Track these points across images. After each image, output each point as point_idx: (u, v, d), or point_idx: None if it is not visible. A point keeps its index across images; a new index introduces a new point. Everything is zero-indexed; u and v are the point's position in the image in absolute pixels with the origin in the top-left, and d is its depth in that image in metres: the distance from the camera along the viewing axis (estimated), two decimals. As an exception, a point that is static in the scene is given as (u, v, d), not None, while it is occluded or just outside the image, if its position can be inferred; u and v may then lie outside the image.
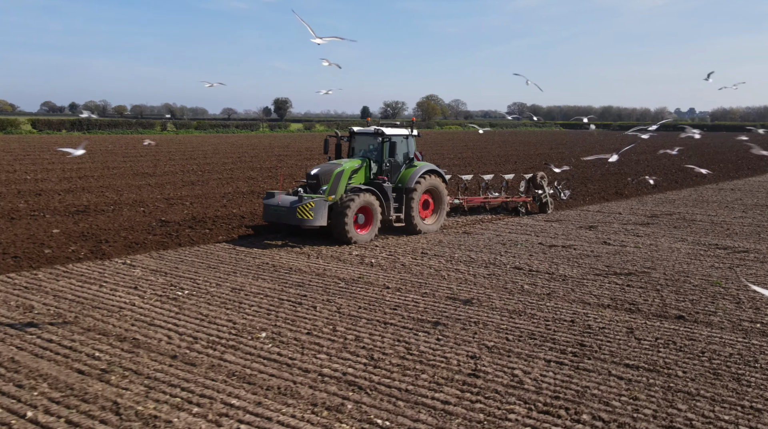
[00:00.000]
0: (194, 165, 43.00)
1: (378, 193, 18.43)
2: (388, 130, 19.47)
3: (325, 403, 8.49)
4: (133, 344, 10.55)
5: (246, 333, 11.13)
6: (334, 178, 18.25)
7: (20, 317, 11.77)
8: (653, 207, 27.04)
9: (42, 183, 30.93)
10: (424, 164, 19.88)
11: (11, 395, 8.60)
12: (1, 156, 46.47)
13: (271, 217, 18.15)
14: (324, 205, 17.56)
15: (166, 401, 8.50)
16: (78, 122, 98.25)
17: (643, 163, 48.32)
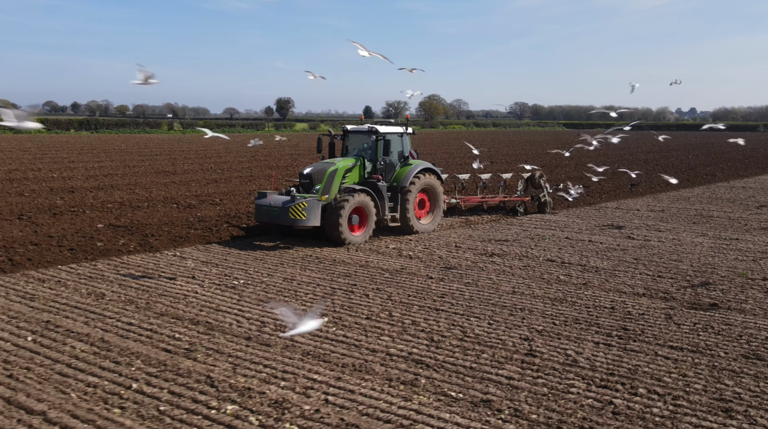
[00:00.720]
0: (211, 164, 43.74)
1: (372, 193, 18.11)
2: (383, 128, 19.11)
3: (399, 378, 9.25)
4: (207, 327, 11.31)
5: (309, 318, 11.81)
6: (328, 177, 17.88)
7: (95, 303, 12.54)
8: (669, 204, 27.81)
9: (69, 181, 31.68)
10: (419, 163, 19.60)
11: (112, 370, 9.39)
12: (20, 155, 47.17)
13: (263, 217, 17.81)
14: (317, 205, 17.20)
15: (254, 376, 9.27)
16: (86, 122, 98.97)
17: (653, 163, 49.00)
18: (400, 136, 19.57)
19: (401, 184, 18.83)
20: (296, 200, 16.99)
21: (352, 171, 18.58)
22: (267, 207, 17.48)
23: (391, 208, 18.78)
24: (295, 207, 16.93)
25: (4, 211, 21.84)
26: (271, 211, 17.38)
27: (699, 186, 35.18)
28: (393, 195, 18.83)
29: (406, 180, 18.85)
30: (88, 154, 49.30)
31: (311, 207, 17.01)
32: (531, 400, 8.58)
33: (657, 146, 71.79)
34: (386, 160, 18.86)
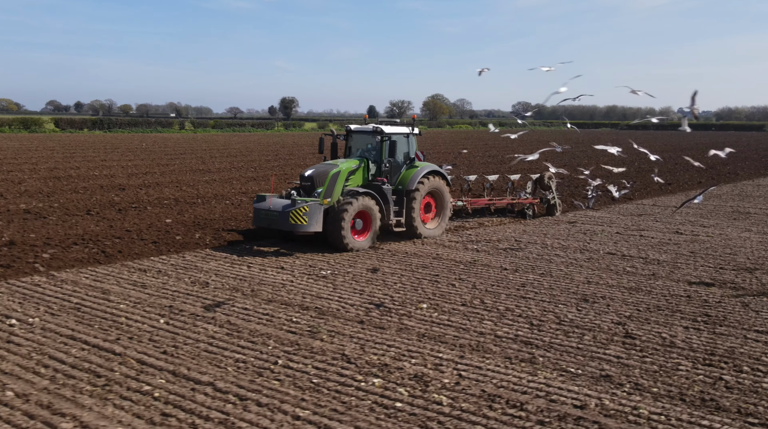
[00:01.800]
0: (241, 162, 44.60)
1: (377, 196, 17.24)
2: (388, 128, 18.19)
3: (517, 357, 10.12)
4: (318, 312, 12.18)
5: (407, 305, 12.73)
6: (330, 180, 17.01)
7: (203, 291, 13.42)
8: (703, 201, 28.65)
9: (112, 179, 32.56)
10: (425, 165, 18.70)
11: (251, 348, 10.27)
12: (49, 154, 48.03)
13: (262, 222, 16.87)
14: (319, 209, 16.41)
15: (384, 354, 10.14)
16: (99, 121, 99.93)
17: (671, 162, 49.86)
18: (405, 137, 18.78)
19: (407, 187, 18.02)
20: (297, 204, 16.17)
21: (355, 173, 17.73)
22: (266, 211, 16.61)
23: (396, 213, 17.97)
24: (296, 211, 16.12)
25: (70, 208, 22.69)
26: (270, 215, 16.52)
27: (726, 184, 36.01)
28: (398, 198, 17.97)
29: (412, 183, 18.03)
30: (115, 153, 50.14)
31: (313, 211, 16.25)
32: (646, 376, 9.44)
33: (669, 146, 72.62)
34: (391, 161, 18.06)
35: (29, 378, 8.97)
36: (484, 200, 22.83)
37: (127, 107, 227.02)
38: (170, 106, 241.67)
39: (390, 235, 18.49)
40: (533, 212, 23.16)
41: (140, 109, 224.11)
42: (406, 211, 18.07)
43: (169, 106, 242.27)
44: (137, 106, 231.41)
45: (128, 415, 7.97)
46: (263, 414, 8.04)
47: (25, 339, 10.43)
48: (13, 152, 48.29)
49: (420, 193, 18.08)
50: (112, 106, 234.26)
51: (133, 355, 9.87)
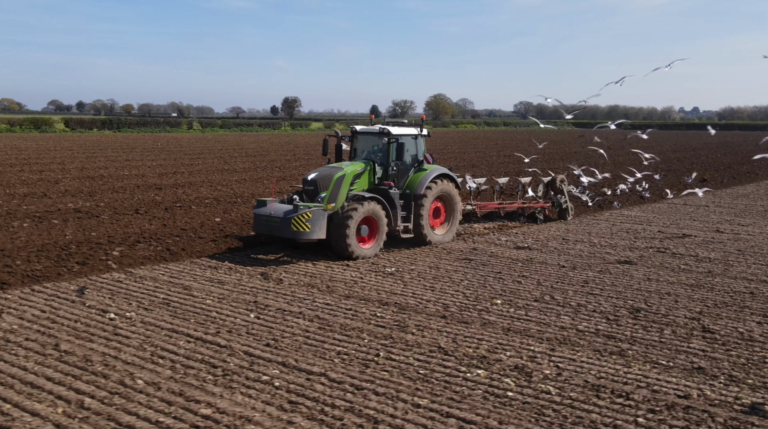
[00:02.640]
0: (262, 161, 45.02)
1: (384, 201, 16.43)
2: (395, 130, 17.37)
3: (605, 350, 10.55)
4: (398, 307, 12.61)
5: (481, 301, 13.17)
6: (334, 184, 16.12)
7: (277, 287, 13.87)
8: (730, 200, 29.14)
9: (144, 178, 32.98)
10: (434, 168, 17.90)
11: (347, 342, 10.71)
12: (71, 154, 48.52)
13: (262, 228, 16.11)
14: (322, 215, 15.53)
15: (477, 347, 10.58)
16: (109, 121, 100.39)
17: (687, 162, 50.28)
18: (414, 139, 17.93)
19: (415, 192, 17.20)
20: (299, 210, 15.27)
21: (361, 177, 16.84)
22: (266, 217, 15.83)
23: (404, 218, 17.13)
24: (298, 218, 15.26)
25: (118, 207, 23.13)
26: (271, 222, 15.74)
27: (748, 184, 36.46)
28: (405, 203, 17.17)
29: (420, 187, 17.21)
30: (134, 153, 50.49)
31: (316, 218, 15.40)
32: (737, 368, 9.87)
33: (681, 145, 73.11)
34: (399, 164, 17.24)
35: (151, 368, 9.39)
36: (494, 204, 21.97)
37: (129, 107, 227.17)
38: (172, 106, 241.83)
39: (397, 242, 17.68)
40: (544, 216, 22.68)
41: (142, 108, 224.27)
42: (414, 217, 17.28)
43: (170, 106, 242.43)
44: (139, 105, 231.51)
45: (258, 402, 8.38)
46: (384, 402, 8.46)
47: (130, 332, 10.86)
48: (35, 152, 48.67)
49: (429, 197, 17.29)
50: (114, 106, 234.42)
51: (238, 347, 10.27)
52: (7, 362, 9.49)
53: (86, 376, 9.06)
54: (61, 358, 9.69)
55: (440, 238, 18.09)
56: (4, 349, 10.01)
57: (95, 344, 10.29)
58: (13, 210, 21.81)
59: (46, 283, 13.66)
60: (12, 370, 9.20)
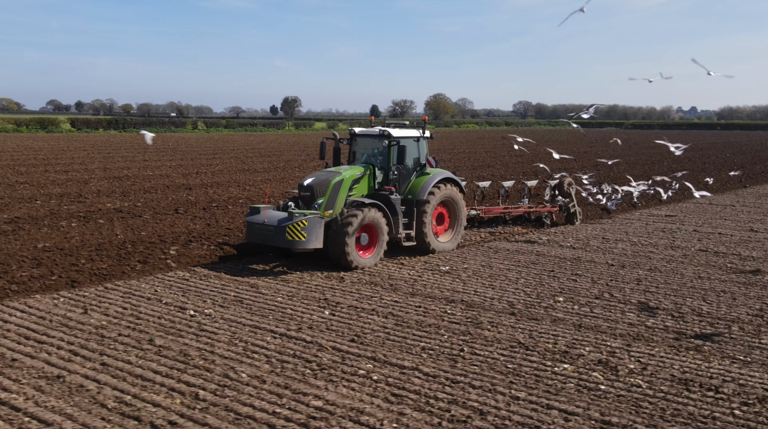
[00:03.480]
0: (280, 161, 45.31)
1: (384, 208, 15.50)
2: (396, 132, 16.51)
3: (681, 346, 10.89)
4: (465, 305, 12.95)
5: (543, 298, 13.52)
6: (332, 189, 15.31)
7: (341, 285, 14.21)
8: (754, 200, 29.56)
9: (170, 178, 33.28)
10: (437, 171, 17.06)
11: (429, 337, 11.04)
12: (88, 155, 48.84)
13: (256, 237, 15.17)
14: (320, 223, 14.71)
15: (555, 342, 10.91)
16: (114, 121, 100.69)
17: (699, 161, 50.66)
18: (416, 141, 17.02)
19: (417, 197, 16.32)
20: (295, 218, 14.45)
21: (360, 181, 16.01)
22: (260, 226, 14.93)
23: (406, 225, 16.27)
24: (294, 226, 14.42)
25: (156, 207, 23.42)
26: (264, 230, 14.83)
27: (760, 184, 36.91)
28: (407, 209, 16.28)
29: (423, 192, 16.33)
30: (149, 153, 50.70)
31: (312, 226, 14.56)
32: (812, 360, 10.20)
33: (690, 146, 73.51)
34: (400, 168, 16.43)
35: (249, 362, 9.72)
36: (499, 209, 21.16)
37: (128, 107, 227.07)
38: (171, 106, 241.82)
39: (399, 250, 16.89)
40: (551, 221, 21.97)
41: (141, 108, 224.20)
42: (416, 224, 16.36)
43: (169, 106, 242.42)
44: (138, 105, 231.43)
45: (363, 395, 8.71)
46: (484, 395, 8.80)
47: (215, 328, 11.19)
48: (51, 153, 48.94)
49: (431, 203, 16.43)
50: (113, 106, 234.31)
51: (324, 343, 10.59)
52: (110, 356, 9.80)
53: (190, 370, 9.37)
54: (160, 353, 9.99)
55: (444, 246, 17.22)
56: (102, 344, 10.32)
57: (186, 339, 10.59)
58: (55, 210, 22.09)
59: (116, 282, 13.97)
60: (118, 364, 9.51)
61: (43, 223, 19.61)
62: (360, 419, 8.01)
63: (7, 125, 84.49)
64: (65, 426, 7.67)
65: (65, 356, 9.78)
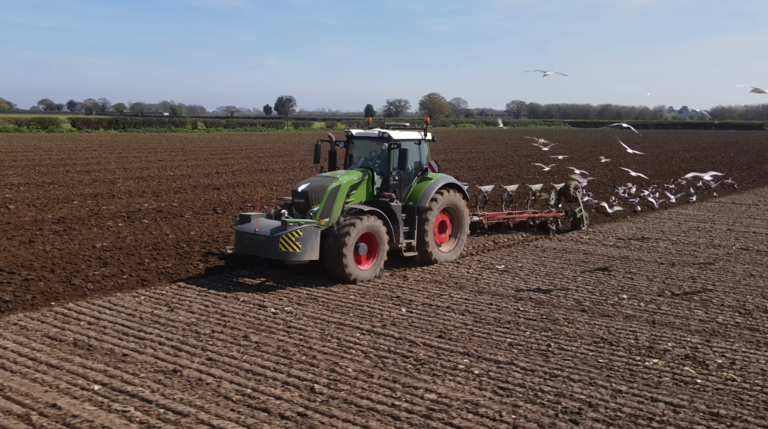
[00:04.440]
0: (294, 162, 45.52)
1: (384, 216, 14.53)
2: (396, 134, 15.51)
3: (759, 341, 11.24)
4: (535, 302, 13.28)
5: (607, 295, 13.86)
6: (328, 195, 14.27)
7: (405, 283, 14.50)
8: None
9: (193, 179, 33.50)
10: (440, 176, 16.04)
11: (512, 333, 11.36)
12: (99, 155, 48.97)
13: (246, 248, 13.96)
14: (315, 232, 13.66)
15: (636, 339, 11.24)
16: (115, 121, 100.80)
17: (706, 161, 51.15)
18: (417, 144, 15.99)
19: (418, 204, 15.35)
20: (289, 227, 13.37)
21: (358, 187, 14.98)
22: (251, 235, 13.74)
23: (407, 234, 15.27)
24: (287, 236, 13.32)
25: (192, 206, 23.68)
26: (256, 240, 13.67)
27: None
28: (408, 217, 15.32)
29: (425, 198, 15.36)
30: (160, 153, 50.83)
31: (308, 236, 13.49)
32: None
33: (693, 145, 74.25)
34: (401, 173, 15.44)
35: (349, 357, 10.04)
36: (503, 214, 20.17)
37: (121, 106, 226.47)
38: (164, 105, 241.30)
39: (398, 261, 15.76)
40: (557, 227, 20.91)
41: (134, 107, 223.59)
42: (417, 233, 15.38)
43: (162, 105, 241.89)
44: (131, 104, 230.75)
45: (471, 388, 9.04)
46: (586, 388, 9.13)
47: (302, 325, 11.50)
48: (63, 153, 49.10)
49: (434, 210, 15.51)
50: (106, 105, 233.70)
51: (414, 339, 10.90)
52: (213, 352, 10.10)
53: (296, 365, 9.66)
54: (260, 348, 10.29)
55: (446, 257, 16.26)
56: (200, 340, 10.61)
57: (279, 336, 10.90)
58: (96, 211, 22.30)
59: (185, 280, 14.22)
60: (224, 359, 9.80)
61: (90, 223, 19.82)
62: (478, 411, 8.31)
63: (8, 125, 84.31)
64: (200, 416, 7.94)
65: (171, 351, 10.05)
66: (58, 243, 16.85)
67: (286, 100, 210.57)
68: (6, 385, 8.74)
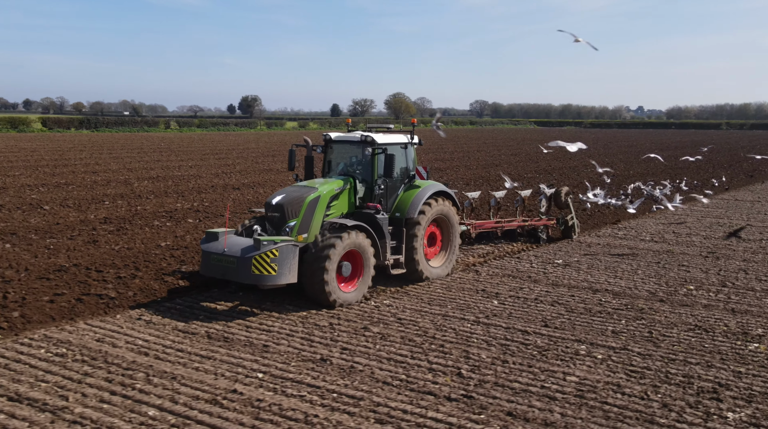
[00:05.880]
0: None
1: (370, 230, 12.95)
2: (381, 137, 13.90)
3: (835, 325, 12.14)
4: (612, 293, 14.05)
5: (675, 286, 14.70)
6: (306, 208, 12.71)
7: (478, 277, 15.16)
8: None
9: (205, 179, 33.67)
10: (428, 184, 14.55)
11: (608, 322, 12.09)
12: (90, 155, 48.57)
13: (213, 270, 12.14)
14: (293, 252, 11.92)
15: (725, 324, 12.06)
16: (87, 121, 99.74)
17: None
18: (403, 148, 14.46)
19: (406, 215, 13.82)
20: (263, 247, 11.65)
21: (339, 197, 13.38)
22: (218, 256, 11.98)
23: (394, 249, 13.72)
24: (261, 257, 11.61)
25: (219, 207, 23.95)
26: (224, 262, 11.90)
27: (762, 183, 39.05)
28: (395, 230, 13.74)
29: (413, 209, 13.84)
30: (153, 154, 50.73)
31: (285, 256, 11.78)
32: None
33: (664, 144, 76.17)
34: (387, 181, 13.81)
35: (475, 345, 10.66)
36: (491, 222, 18.60)
37: (80, 105, 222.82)
38: (124, 104, 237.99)
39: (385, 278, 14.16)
40: (547, 235, 19.64)
41: (94, 107, 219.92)
42: (405, 247, 13.84)
43: (122, 104, 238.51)
44: (90, 104, 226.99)
45: (604, 371, 9.74)
46: (709, 370, 9.87)
47: (409, 317, 12.11)
48: (56, 153, 48.77)
49: (423, 222, 14.01)
50: (64, 104, 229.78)
51: (516, 327, 11.62)
52: (343, 341, 10.65)
53: (431, 352, 10.28)
54: (386, 339, 10.90)
55: (436, 272, 14.68)
56: (324, 330, 11.16)
57: (395, 327, 11.53)
58: (134, 212, 22.49)
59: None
60: (358, 349, 10.39)
61: (138, 223, 20.07)
62: (624, 391, 8.99)
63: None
64: (374, 399, 8.51)
65: (304, 342, 10.63)
66: (122, 242, 17.10)
67: (251, 99, 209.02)
68: (176, 374, 9.15)
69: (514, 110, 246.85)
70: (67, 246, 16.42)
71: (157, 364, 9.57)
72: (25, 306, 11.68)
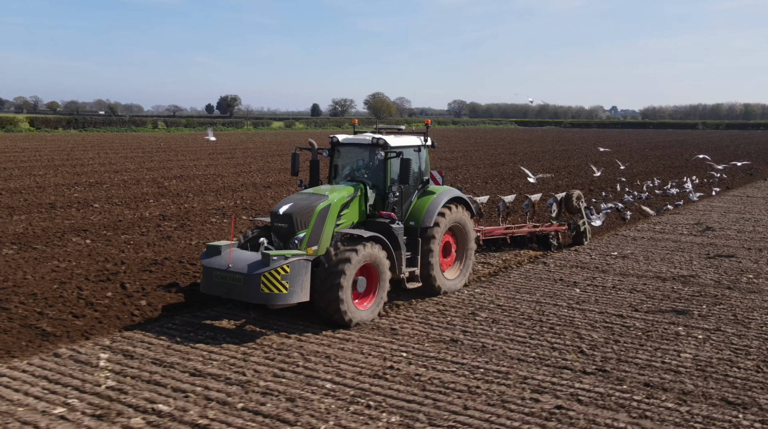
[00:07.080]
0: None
1: (386, 242, 11.88)
2: (393, 139, 12.85)
3: None
4: (680, 282, 15.01)
5: (733, 275, 15.68)
6: (317, 218, 11.58)
7: (549, 268, 16.08)
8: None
9: (227, 179, 34.14)
10: (443, 190, 13.57)
11: (692, 307, 13.01)
12: (91, 156, 48.65)
13: (216, 288, 11.02)
14: (305, 267, 10.88)
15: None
16: (74, 121, 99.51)
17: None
18: (417, 151, 13.42)
19: (421, 224, 12.78)
20: (273, 263, 10.55)
21: (350, 206, 12.30)
22: (222, 273, 10.88)
23: (409, 261, 12.65)
24: (272, 274, 10.54)
25: (260, 204, 24.59)
26: (229, 279, 10.81)
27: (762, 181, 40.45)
28: (409, 240, 12.69)
29: (428, 217, 12.82)
30: (157, 153, 50.96)
31: (297, 272, 10.73)
32: None
33: (654, 144, 77.77)
34: (402, 188, 12.71)
35: (582, 328, 11.54)
36: (501, 229, 17.51)
37: (54, 104, 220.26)
38: (99, 103, 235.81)
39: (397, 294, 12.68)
40: (558, 241, 18.69)
41: (69, 106, 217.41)
42: (421, 258, 12.80)
43: (98, 103, 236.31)
44: (65, 103, 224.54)
45: (712, 349, 10.63)
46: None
47: (508, 304, 12.95)
48: (56, 153, 48.82)
49: (440, 232, 13.00)
50: (38, 103, 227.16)
51: (609, 312, 12.54)
52: (458, 325, 11.49)
53: (545, 334, 11.19)
54: (497, 322, 11.74)
55: (451, 285, 13.60)
56: (437, 316, 11.96)
57: (497, 313, 12.40)
58: (184, 209, 23.12)
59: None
60: (476, 330, 11.26)
61: (195, 220, 20.67)
62: (739, 365, 9.91)
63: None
64: (519, 373, 9.37)
65: (424, 327, 11.40)
66: (193, 239, 17.70)
67: (231, 98, 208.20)
68: (329, 353, 9.95)
69: (492, 110, 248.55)
70: (145, 242, 16.97)
71: (306, 345, 10.38)
72: (148, 295, 12.29)
